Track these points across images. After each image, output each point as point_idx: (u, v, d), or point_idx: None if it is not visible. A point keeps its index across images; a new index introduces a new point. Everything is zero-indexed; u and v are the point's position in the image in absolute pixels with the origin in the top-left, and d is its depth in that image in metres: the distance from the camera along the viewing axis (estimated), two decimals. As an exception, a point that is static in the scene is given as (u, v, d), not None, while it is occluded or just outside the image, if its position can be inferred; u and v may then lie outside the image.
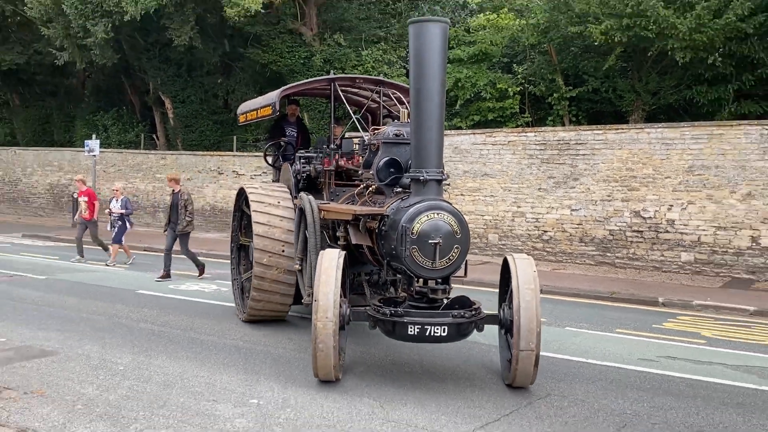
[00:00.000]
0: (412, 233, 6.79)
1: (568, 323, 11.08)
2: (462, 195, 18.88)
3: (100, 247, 17.50)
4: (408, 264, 6.96)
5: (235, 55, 25.82)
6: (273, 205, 9.69)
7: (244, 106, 12.15)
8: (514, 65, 21.15)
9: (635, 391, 7.60)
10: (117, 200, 16.77)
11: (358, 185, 8.83)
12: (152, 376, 7.76)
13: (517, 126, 20.39)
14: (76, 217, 17.82)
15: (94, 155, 23.31)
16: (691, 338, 10.35)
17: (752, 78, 17.65)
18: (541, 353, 8.27)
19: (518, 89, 20.73)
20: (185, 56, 25.28)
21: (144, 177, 26.20)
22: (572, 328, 10.77)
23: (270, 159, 11.93)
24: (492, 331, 7.88)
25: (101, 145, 24.25)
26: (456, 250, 6.96)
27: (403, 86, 10.68)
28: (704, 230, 16.10)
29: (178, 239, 14.55)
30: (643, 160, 16.76)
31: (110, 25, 22.76)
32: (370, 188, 8.38)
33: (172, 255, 14.59)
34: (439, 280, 7.18)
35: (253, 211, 9.62)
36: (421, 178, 7.06)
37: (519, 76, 20.76)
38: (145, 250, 19.49)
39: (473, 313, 7.10)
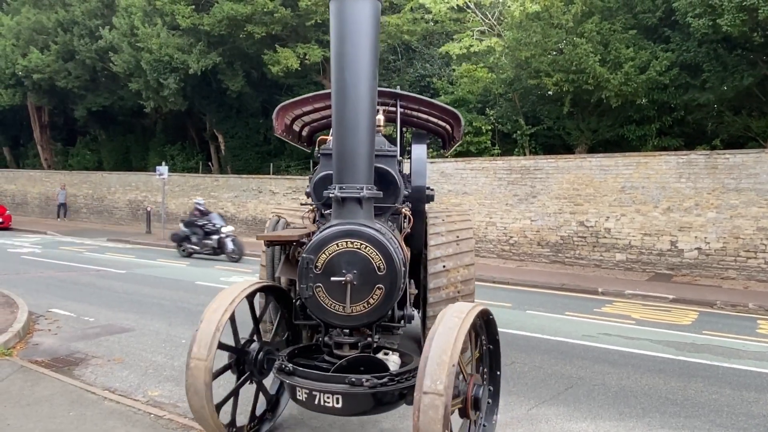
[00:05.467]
0: (316, 267, 4.22)
1: (528, 307, 11.07)
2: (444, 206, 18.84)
3: None
4: (311, 306, 4.35)
5: (272, 101, 25.88)
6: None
7: None
8: (487, 109, 21.19)
9: (580, 360, 7.59)
10: None
11: None
12: (207, 347, 7.77)
13: (491, 156, 20.37)
14: None
15: (164, 178, 23.34)
16: (624, 319, 10.34)
17: (670, 119, 17.69)
18: (507, 331, 8.06)
19: (490, 127, 20.77)
20: (235, 102, 25.38)
21: (201, 194, 26.18)
22: (531, 311, 10.75)
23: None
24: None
25: (169, 170, 24.26)
26: (378, 292, 4.21)
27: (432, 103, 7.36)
28: (633, 236, 16.07)
29: None
30: (586, 182, 16.75)
31: (178, 78, 22.90)
32: (310, 209, 5.74)
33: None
34: (346, 331, 4.44)
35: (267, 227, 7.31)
36: (332, 195, 4.36)
37: (491, 117, 20.76)
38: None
39: (386, 379, 4.07)
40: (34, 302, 9.96)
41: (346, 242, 4.23)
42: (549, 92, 18.79)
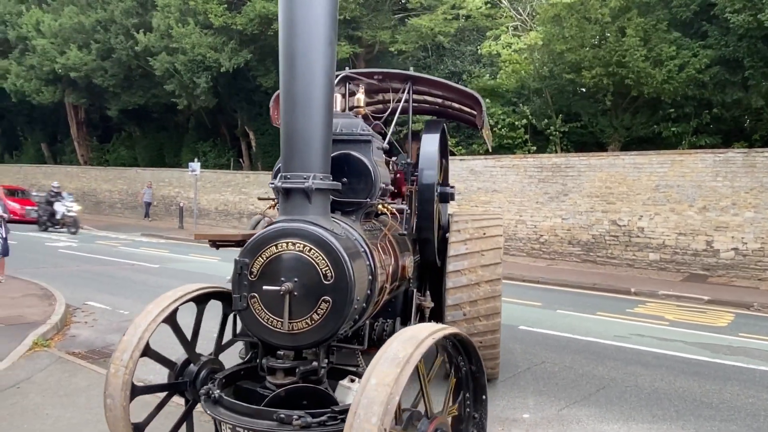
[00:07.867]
0: (252, 273, 3.52)
1: (559, 307, 10.95)
2: (476, 206, 18.77)
3: None
4: (245, 321, 3.65)
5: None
6: None
7: None
8: (521, 104, 20.88)
9: (611, 361, 7.49)
10: None
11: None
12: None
13: (527, 152, 20.01)
14: None
15: (196, 174, 23.74)
16: (657, 320, 10.17)
17: (709, 116, 17.30)
18: (537, 330, 8.00)
19: (524, 123, 20.41)
20: (266, 99, 25.59)
21: (233, 191, 26.56)
22: (562, 311, 10.64)
23: None
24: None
25: (201, 167, 24.68)
26: (324, 305, 3.41)
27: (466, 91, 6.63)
28: (668, 236, 15.76)
29: None
30: (619, 180, 16.49)
31: (210, 76, 23.26)
32: (272, 204, 4.96)
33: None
34: (281, 353, 3.60)
35: None
36: (271, 185, 3.74)
37: (526, 112, 20.30)
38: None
39: (324, 417, 3.18)
40: (71, 295, 10.19)
41: (287, 243, 3.44)
42: (583, 88, 18.49)
